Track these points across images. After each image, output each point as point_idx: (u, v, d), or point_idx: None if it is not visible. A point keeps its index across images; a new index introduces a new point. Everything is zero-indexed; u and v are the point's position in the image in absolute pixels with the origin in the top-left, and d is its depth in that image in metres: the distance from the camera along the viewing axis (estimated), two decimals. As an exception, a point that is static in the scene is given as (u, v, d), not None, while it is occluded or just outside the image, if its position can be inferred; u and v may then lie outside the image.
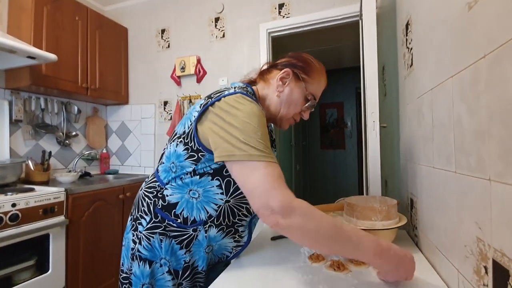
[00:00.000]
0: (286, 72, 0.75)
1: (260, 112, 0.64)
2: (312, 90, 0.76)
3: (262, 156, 0.59)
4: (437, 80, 0.67)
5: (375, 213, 0.84)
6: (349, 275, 0.68)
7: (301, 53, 0.80)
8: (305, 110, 0.78)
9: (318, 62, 0.79)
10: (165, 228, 0.71)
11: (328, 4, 2.00)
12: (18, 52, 1.55)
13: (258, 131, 0.61)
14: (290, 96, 0.75)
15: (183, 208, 0.70)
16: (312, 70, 0.76)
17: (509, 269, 0.39)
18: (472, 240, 0.50)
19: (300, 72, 0.75)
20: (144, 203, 0.74)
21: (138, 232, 0.73)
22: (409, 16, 0.94)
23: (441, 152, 0.65)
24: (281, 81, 0.76)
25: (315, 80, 0.76)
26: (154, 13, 2.57)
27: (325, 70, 0.80)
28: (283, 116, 0.77)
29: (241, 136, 0.60)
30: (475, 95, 0.48)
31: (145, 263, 0.71)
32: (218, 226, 0.73)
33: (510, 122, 0.39)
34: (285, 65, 0.77)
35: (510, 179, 0.39)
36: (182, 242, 0.71)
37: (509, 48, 0.39)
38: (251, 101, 0.65)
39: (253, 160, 0.58)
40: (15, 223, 1.39)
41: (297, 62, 0.77)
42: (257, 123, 0.62)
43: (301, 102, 0.76)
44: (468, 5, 0.50)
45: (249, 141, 0.59)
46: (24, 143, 2.04)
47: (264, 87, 0.79)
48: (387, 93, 1.40)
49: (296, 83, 0.75)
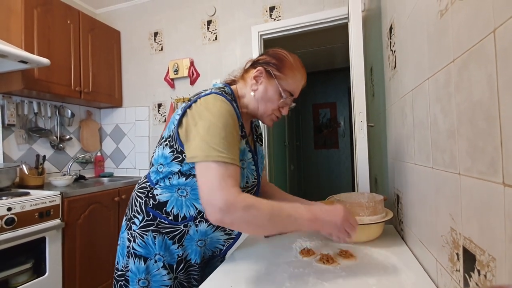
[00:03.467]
0: (259, 71, 0.77)
1: (229, 112, 0.67)
2: (286, 86, 0.77)
3: (219, 156, 0.62)
4: (416, 81, 0.71)
5: (362, 209, 0.88)
6: (337, 268, 0.72)
7: (277, 50, 0.80)
8: (283, 106, 0.79)
9: (294, 58, 0.79)
10: (157, 226, 0.75)
11: (318, 7, 2.04)
12: (9, 56, 1.55)
13: (222, 131, 0.64)
14: (265, 94, 0.77)
15: (173, 206, 0.74)
16: (286, 66, 0.77)
17: (475, 254, 0.43)
18: (447, 231, 0.54)
19: (273, 69, 0.77)
20: (136, 203, 0.78)
21: (132, 231, 0.77)
22: (392, 20, 0.98)
23: (421, 150, 0.70)
24: (254, 80, 0.78)
25: (288, 76, 0.77)
26: (146, 16, 2.58)
27: (301, 65, 0.80)
28: (262, 113, 0.80)
29: (206, 137, 0.64)
30: (447, 97, 0.52)
31: (140, 259, 0.75)
32: (208, 221, 0.76)
33: (476, 122, 0.43)
34: (260, 63, 0.79)
35: (475, 173, 0.43)
36: (174, 238, 0.76)
37: (474, 53, 0.43)
38: (223, 101, 0.68)
39: (209, 161, 0.62)
40: (11, 227, 1.40)
41: (271, 60, 0.78)
42: (224, 123, 0.65)
43: (277, 99, 0.77)
44: (440, 12, 0.54)
45: (211, 142, 0.63)
46: (18, 148, 2.04)
47: (242, 86, 0.82)
48: (375, 93, 1.45)
49: (269, 81, 0.77)
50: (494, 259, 0.39)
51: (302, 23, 2.08)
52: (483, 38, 0.40)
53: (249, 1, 2.23)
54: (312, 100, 4.99)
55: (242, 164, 0.74)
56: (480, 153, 0.41)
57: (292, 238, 0.94)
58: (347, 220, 0.68)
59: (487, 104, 0.39)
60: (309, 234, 0.97)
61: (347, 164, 4.75)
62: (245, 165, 0.76)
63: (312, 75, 4.85)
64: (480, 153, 0.41)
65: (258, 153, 0.88)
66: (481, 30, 0.40)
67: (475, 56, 0.42)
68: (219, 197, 0.59)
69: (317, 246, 0.86)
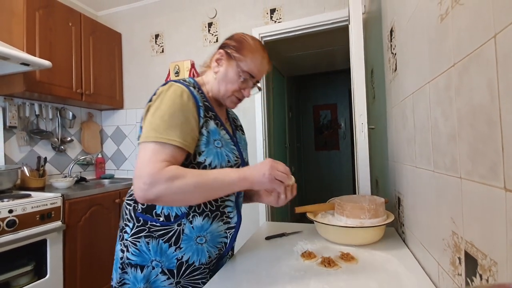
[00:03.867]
0: (220, 53, 0.80)
1: (179, 95, 0.69)
2: (245, 67, 0.78)
3: (156, 137, 0.64)
4: (417, 84, 0.72)
5: (363, 212, 0.88)
6: (339, 271, 0.72)
7: (238, 34, 0.84)
8: (244, 88, 0.81)
9: (254, 41, 0.81)
10: (149, 230, 0.73)
11: (319, 9, 2.05)
12: (11, 58, 1.56)
13: (166, 114, 0.66)
14: (225, 75, 0.79)
15: (162, 206, 0.73)
16: (245, 48, 0.79)
17: (477, 259, 0.43)
18: (448, 234, 0.54)
19: (232, 51, 0.79)
20: (126, 211, 0.77)
21: (125, 241, 0.75)
22: (393, 23, 0.99)
23: (422, 153, 0.70)
24: (216, 62, 0.81)
25: (248, 57, 0.78)
26: (147, 18, 2.59)
27: (261, 48, 0.82)
28: (223, 94, 0.81)
29: (150, 120, 0.67)
30: (448, 101, 0.52)
31: (136, 268, 0.73)
32: (202, 214, 0.74)
33: (477, 126, 0.43)
34: (221, 46, 0.82)
35: (476, 177, 0.43)
36: (169, 240, 0.72)
37: (474, 58, 0.43)
38: (175, 85, 0.71)
39: (147, 141, 0.65)
40: (12, 229, 1.40)
41: (230, 42, 0.81)
42: (169, 106, 0.67)
43: (236, 80, 0.79)
44: (441, 16, 0.55)
45: (153, 124, 0.66)
46: (19, 149, 2.05)
47: (208, 73, 0.84)
48: (376, 96, 1.45)
49: (230, 62, 0.79)
50: (496, 264, 0.39)
51: (303, 26, 2.08)
52: (483, 43, 0.40)
53: (250, 3, 2.24)
54: (313, 102, 5.00)
55: (217, 143, 0.75)
56: (481, 157, 0.41)
57: (293, 241, 0.94)
58: (275, 167, 0.68)
59: (487, 108, 0.40)
60: (310, 237, 0.97)
61: (348, 165, 4.74)
62: (221, 144, 0.76)
63: (313, 77, 4.86)
64: (481, 157, 0.41)
65: (239, 138, 0.89)
66: (482, 35, 0.40)
67: (476, 60, 0.42)
68: (145, 172, 0.61)
69: (318, 249, 0.86)
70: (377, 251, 0.83)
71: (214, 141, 0.74)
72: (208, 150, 0.72)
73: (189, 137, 0.68)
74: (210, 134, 0.74)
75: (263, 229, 1.11)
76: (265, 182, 0.67)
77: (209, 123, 0.75)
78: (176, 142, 0.65)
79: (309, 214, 0.99)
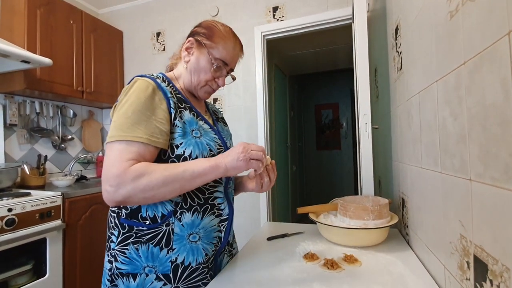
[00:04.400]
0: (190, 42, 0.77)
1: (143, 89, 0.66)
2: (217, 54, 0.75)
3: (120, 136, 0.62)
4: (424, 84, 0.70)
5: (367, 213, 0.87)
6: (342, 273, 0.70)
7: (207, 20, 0.80)
8: (218, 77, 0.78)
9: (225, 27, 0.78)
10: (136, 236, 0.68)
11: (321, 8, 2.03)
12: (11, 56, 1.55)
13: (129, 110, 0.64)
14: (197, 64, 0.76)
15: (147, 208, 0.69)
16: (215, 34, 0.75)
17: (487, 264, 0.42)
18: (456, 237, 0.53)
19: (203, 38, 0.75)
20: (111, 219, 0.73)
21: (112, 250, 0.71)
22: (398, 21, 0.97)
23: (428, 153, 0.68)
24: (186, 51, 0.77)
25: (219, 44, 0.75)
26: (149, 16, 2.58)
27: (233, 34, 0.79)
28: (196, 85, 0.77)
29: (115, 120, 0.64)
30: (458, 100, 0.51)
31: (128, 278, 0.68)
32: (190, 210, 0.70)
33: (488, 127, 0.41)
34: (191, 34, 0.79)
35: (487, 179, 0.41)
36: (160, 243, 0.68)
37: (487, 56, 0.41)
38: (139, 80, 0.68)
39: (112, 141, 0.63)
40: (11, 228, 1.40)
41: (200, 30, 0.77)
42: (132, 102, 0.64)
43: (209, 68, 0.76)
44: (450, 13, 0.53)
45: (117, 123, 0.63)
46: (19, 147, 2.04)
47: (179, 65, 0.81)
48: (379, 95, 1.43)
49: (201, 50, 0.75)
50: (508, 270, 0.37)
51: (306, 24, 2.06)
52: (496, 41, 0.39)
53: (252, 1, 2.22)
54: (315, 101, 4.98)
55: (196, 133, 0.72)
56: (493, 159, 0.40)
57: (295, 242, 0.92)
58: (247, 148, 0.64)
59: (501, 109, 0.38)
60: (313, 238, 0.95)
61: (349, 165, 4.72)
62: (199, 133, 0.72)
63: (315, 76, 4.84)
64: (493, 159, 0.40)
65: (221, 129, 0.86)
66: (495, 32, 0.39)
67: (488, 58, 0.41)
68: (110, 173, 0.59)
69: (321, 251, 0.85)
70: (381, 253, 0.82)
71: (192, 131, 0.71)
72: (186, 141, 0.69)
73: (157, 131, 0.65)
74: (186, 125, 0.70)
75: (264, 229, 1.09)
76: (241, 166, 0.64)
77: (183, 114, 0.72)
78: (142, 139, 0.62)
79: (311, 215, 0.98)
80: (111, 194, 0.59)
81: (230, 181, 0.80)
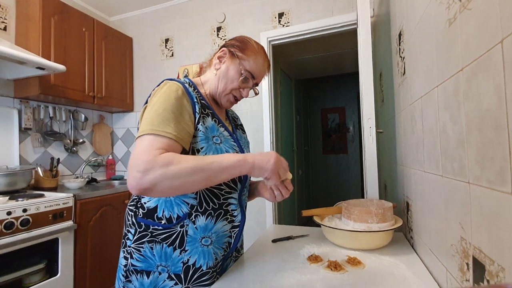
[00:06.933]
0: (223, 51, 0.81)
1: (173, 91, 0.69)
2: (248, 67, 0.79)
3: (151, 130, 0.64)
4: (425, 88, 0.71)
5: (371, 216, 0.88)
6: (345, 275, 0.71)
7: (242, 36, 0.85)
8: (244, 88, 0.81)
9: (258, 44, 0.83)
10: (152, 235, 0.71)
11: (327, 13, 2.05)
12: (27, 63, 1.62)
13: (160, 108, 0.66)
14: (226, 72, 0.80)
15: (163, 209, 0.72)
16: (248, 48, 0.80)
17: (485, 264, 0.43)
18: (457, 240, 0.54)
19: (236, 50, 0.80)
20: (129, 217, 0.76)
21: (128, 247, 0.74)
22: (401, 27, 0.98)
23: (430, 157, 0.69)
24: (218, 59, 0.82)
25: (250, 57, 0.80)
26: (158, 23, 2.64)
27: (263, 52, 0.84)
28: (221, 91, 0.81)
29: (146, 117, 0.66)
30: (456, 105, 0.52)
31: (142, 274, 0.71)
32: (204, 213, 0.73)
33: (485, 131, 0.43)
34: (225, 45, 0.83)
35: (484, 182, 0.42)
36: (173, 243, 0.71)
37: (482, 62, 0.43)
38: (170, 83, 0.71)
39: (143, 135, 0.64)
40: (26, 227, 1.45)
41: (235, 42, 0.82)
42: (162, 101, 0.67)
43: (237, 78, 0.79)
44: (449, 21, 0.55)
45: (149, 119, 0.65)
46: (33, 151, 2.11)
47: (208, 71, 0.85)
48: (384, 99, 1.44)
49: (232, 60, 0.80)
50: (503, 269, 0.38)
51: (311, 29, 2.09)
52: (491, 48, 0.40)
53: (258, 8, 2.26)
54: (321, 105, 4.98)
55: (216, 139, 0.75)
56: (489, 162, 0.41)
57: (300, 244, 0.94)
58: (280, 160, 0.69)
59: (495, 114, 0.39)
60: (317, 241, 0.96)
61: (356, 169, 4.69)
62: (219, 140, 0.75)
63: (321, 80, 4.85)
64: (489, 162, 0.41)
65: (239, 136, 0.89)
66: (489, 40, 0.41)
67: (484, 65, 0.42)
68: (140, 160, 0.59)
69: (324, 253, 0.86)
70: (385, 256, 0.83)
71: (213, 138, 0.74)
72: (207, 146, 0.72)
73: (183, 131, 0.67)
74: (208, 130, 0.73)
75: (269, 231, 1.11)
76: (267, 169, 0.67)
77: (206, 119, 0.74)
78: (171, 135, 0.64)
79: (316, 218, 0.99)
80: (137, 180, 0.58)
81: (244, 189, 0.83)
